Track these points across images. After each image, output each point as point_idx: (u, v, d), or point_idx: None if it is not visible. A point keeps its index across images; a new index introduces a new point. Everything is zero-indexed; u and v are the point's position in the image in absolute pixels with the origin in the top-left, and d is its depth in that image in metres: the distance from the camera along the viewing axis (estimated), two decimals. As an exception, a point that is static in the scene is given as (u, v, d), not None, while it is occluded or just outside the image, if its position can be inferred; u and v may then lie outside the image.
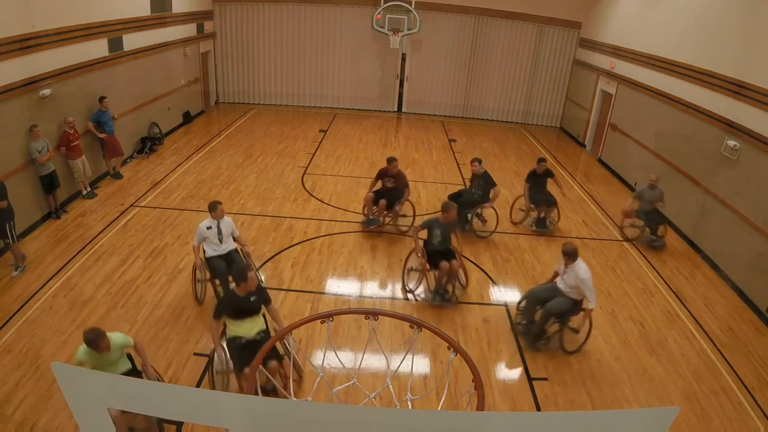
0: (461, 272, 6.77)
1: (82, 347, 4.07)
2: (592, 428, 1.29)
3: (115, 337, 4.19)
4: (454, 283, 6.72)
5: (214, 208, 6.03)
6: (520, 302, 6.40)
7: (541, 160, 8.89)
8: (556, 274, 6.02)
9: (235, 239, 6.24)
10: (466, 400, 3.69)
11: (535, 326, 5.89)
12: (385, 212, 8.32)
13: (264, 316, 5.01)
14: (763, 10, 7.71)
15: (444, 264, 6.44)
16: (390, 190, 8.25)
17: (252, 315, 4.80)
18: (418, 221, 7.68)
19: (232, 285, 5.04)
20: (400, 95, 16.89)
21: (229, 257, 6.09)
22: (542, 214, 8.93)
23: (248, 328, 4.77)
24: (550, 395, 5.34)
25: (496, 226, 8.54)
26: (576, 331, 5.81)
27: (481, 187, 8.41)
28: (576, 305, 5.77)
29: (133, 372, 4.42)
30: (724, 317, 6.99)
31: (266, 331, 4.95)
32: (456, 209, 6.65)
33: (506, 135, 15.55)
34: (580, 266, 5.62)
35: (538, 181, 8.88)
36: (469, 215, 8.50)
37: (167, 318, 5.99)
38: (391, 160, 8.25)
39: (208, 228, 6.04)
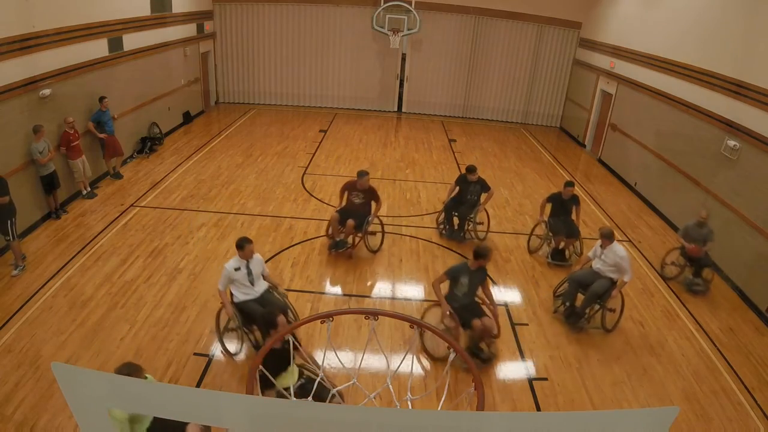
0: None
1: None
2: (592, 428, 1.29)
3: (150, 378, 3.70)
4: (488, 340, 5.80)
5: (241, 246, 5.27)
6: (557, 288, 6.76)
7: (569, 183, 7.92)
8: (588, 260, 6.52)
9: (264, 278, 5.57)
10: (466, 400, 3.69)
11: (579, 308, 6.27)
12: (354, 233, 7.37)
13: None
14: (763, 10, 7.71)
15: (477, 323, 5.44)
16: (358, 206, 7.45)
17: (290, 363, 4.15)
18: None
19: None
20: (400, 95, 16.89)
21: (263, 299, 5.38)
22: (561, 245, 7.91)
23: (289, 378, 4.23)
24: (550, 395, 5.34)
25: (488, 227, 8.46)
26: (612, 311, 6.25)
27: (478, 193, 8.23)
28: (613, 285, 6.18)
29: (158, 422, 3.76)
30: (724, 317, 6.99)
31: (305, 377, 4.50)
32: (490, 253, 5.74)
33: (506, 135, 15.55)
34: (617, 246, 6.19)
35: (562, 207, 7.97)
36: (467, 224, 8.33)
37: (167, 318, 5.99)
38: (361, 174, 7.34)
39: (237, 269, 5.28)
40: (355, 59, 16.13)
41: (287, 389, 4.10)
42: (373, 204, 7.52)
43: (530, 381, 5.51)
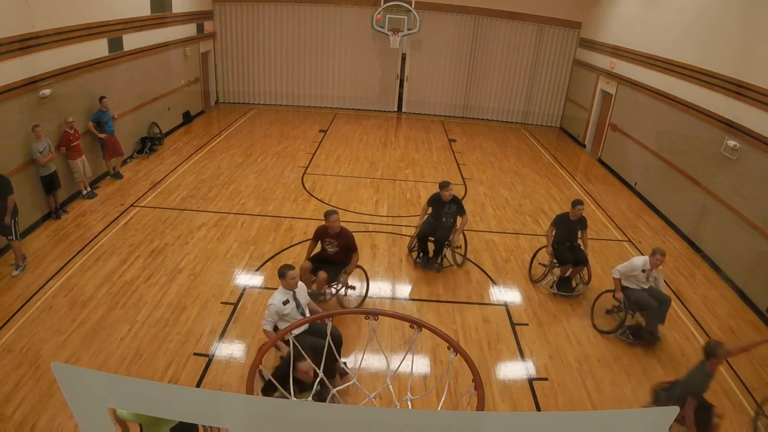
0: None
1: None
2: (592, 428, 1.29)
3: None
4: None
5: (283, 274, 4.76)
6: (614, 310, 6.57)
7: (578, 203, 6.95)
8: (619, 280, 6.29)
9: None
10: (466, 400, 3.69)
11: (648, 331, 6.16)
12: (328, 285, 6.20)
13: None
14: (763, 10, 7.71)
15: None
16: (332, 255, 6.22)
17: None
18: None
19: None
20: (400, 95, 16.89)
21: (314, 329, 4.93)
22: (568, 273, 7.06)
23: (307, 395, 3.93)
24: (550, 395, 5.34)
25: (466, 252, 7.58)
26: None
27: (454, 215, 7.24)
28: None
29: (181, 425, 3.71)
30: (724, 317, 6.99)
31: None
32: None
33: (506, 135, 15.55)
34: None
35: (569, 229, 7.04)
36: (445, 250, 7.36)
37: (167, 318, 5.99)
38: (329, 214, 6.07)
39: (285, 302, 4.78)
40: (355, 59, 16.13)
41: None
42: (353, 255, 6.22)
43: (530, 381, 5.51)
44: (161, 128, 12.12)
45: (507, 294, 7.09)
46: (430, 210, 7.38)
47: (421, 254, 7.46)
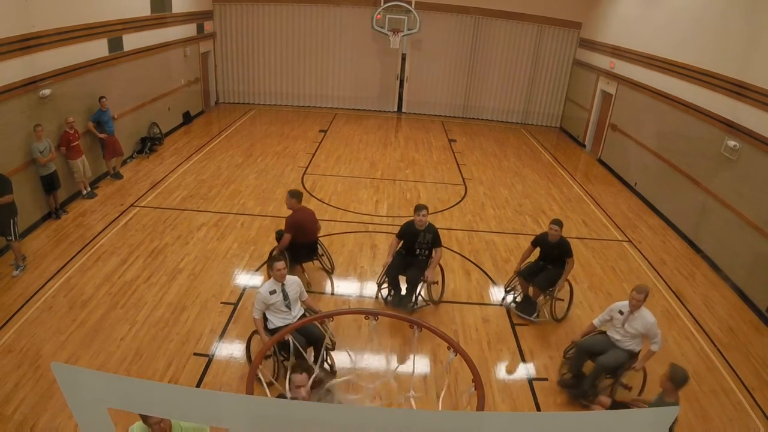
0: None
1: (137, 424, 3.31)
2: (592, 428, 1.29)
3: (185, 425, 3.40)
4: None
5: (271, 266, 5.01)
6: (567, 351, 5.71)
7: (553, 222, 6.21)
8: (593, 328, 5.34)
9: (302, 302, 5.22)
10: (466, 400, 3.69)
11: (585, 382, 5.18)
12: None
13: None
14: (763, 10, 7.71)
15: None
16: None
17: None
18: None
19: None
20: (400, 95, 16.88)
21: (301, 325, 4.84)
22: (529, 293, 6.45)
23: None
24: (550, 395, 5.33)
25: (443, 289, 6.66)
26: (628, 388, 5.17)
27: (428, 246, 6.27)
28: (633, 357, 5.09)
29: None
30: (724, 317, 6.99)
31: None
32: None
33: (506, 135, 15.55)
34: (646, 311, 4.98)
35: (545, 251, 6.36)
36: (421, 286, 6.37)
37: (167, 318, 5.99)
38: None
39: (272, 293, 4.93)
40: (355, 59, 16.13)
41: None
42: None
43: (530, 381, 5.51)
44: (161, 128, 12.12)
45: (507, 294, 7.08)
46: (401, 242, 6.37)
47: (392, 291, 6.44)
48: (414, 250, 6.31)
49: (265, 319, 5.04)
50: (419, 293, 6.38)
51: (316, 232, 6.80)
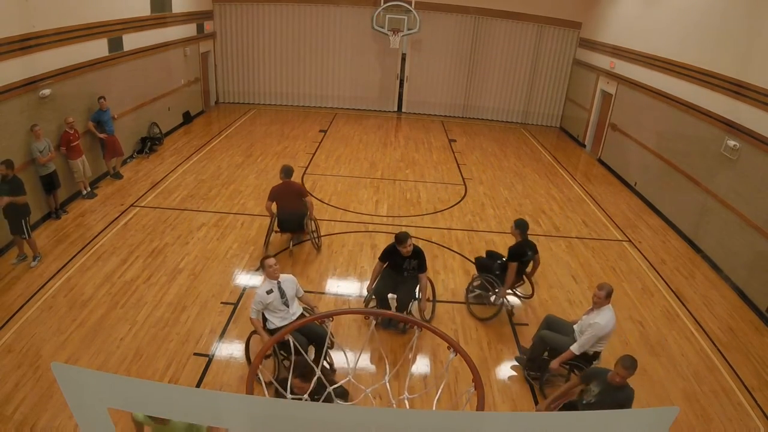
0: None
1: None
2: (592, 428, 1.29)
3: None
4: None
5: (262, 264, 5.03)
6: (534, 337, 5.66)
7: (518, 223, 6.33)
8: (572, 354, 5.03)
9: (300, 299, 5.23)
10: (465, 399, 3.69)
11: (528, 350, 5.47)
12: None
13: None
14: (764, 10, 7.71)
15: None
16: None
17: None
18: None
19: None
20: (400, 95, 16.88)
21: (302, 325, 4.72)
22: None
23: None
24: (550, 395, 5.33)
25: (434, 308, 6.42)
26: (560, 374, 5.24)
27: (414, 271, 5.89)
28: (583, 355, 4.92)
29: None
30: (724, 317, 6.99)
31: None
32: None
33: (506, 135, 15.55)
34: (606, 313, 4.83)
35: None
36: (411, 304, 6.15)
37: (167, 318, 5.99)
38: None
39: (269, 292, 4.93)
40: (355, 59, 16.13)
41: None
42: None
43: (530, 381, 5.50)
44: (161, 128, 12.12)
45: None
46: (385, 265, 6.01)
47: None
48: (401, 273, 5.95)
49: (265, 320, 5.03)
50: (410, 312, 6.13)
51: (294, 205, 7.31)
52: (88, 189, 9.04)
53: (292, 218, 7.37)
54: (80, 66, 8.78)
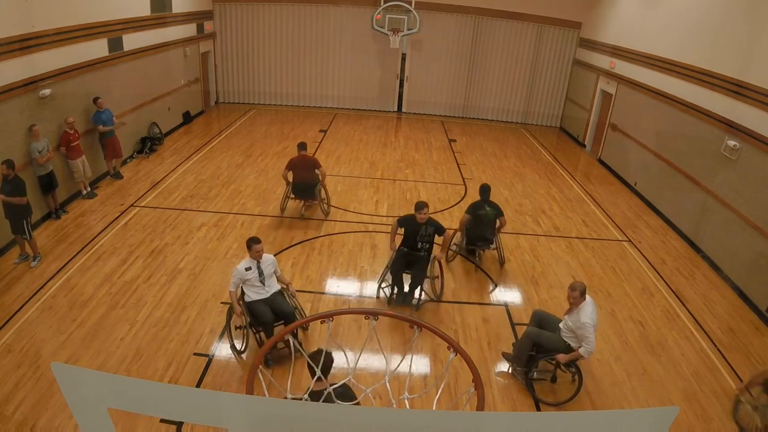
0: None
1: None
2: (592, 428, 1.29)
3: None
4: None
5: (249, 246, 5.37)
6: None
7: (481, 187, 7.22)
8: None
9: (278, 279, 5.65)
10: (465, 399, 3.69)
11: (516, 346, 5.49)
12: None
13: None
14: (764, 10, 7.71)
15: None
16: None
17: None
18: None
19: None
20: (400, 95, 16.88)
21: (273, 300, 5.43)
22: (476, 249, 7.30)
23: None
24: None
25: (442, 284, 6.71)
26: (542, 379, 5.39)
27: (430, 239, 6.40)
28: (567, 352, 5.05)
29: None
30: (724, 317, 6.99)
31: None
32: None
33: (506, 135, 15.55)
34: (587, 309, 4.89)
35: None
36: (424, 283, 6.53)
37: (167, 318, 5.99)
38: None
39: (248, 269, 5.36)
40: (355, 59, 16.13)
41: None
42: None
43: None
44: (161, 128, 12.12)
45: (507, 294, 7.09)
46: (400, 240, 6.48)
47: (395, 289, 6.52)
48: (416, 245, 6.40)
49: (243, 293, 5.48)
50: (423, 290, 6.55)
51: (308, 175, 8.42)
52: (88, 189, 9.04)
53: (306, 187, 8.47)
54: (80, 66, 8.79)
